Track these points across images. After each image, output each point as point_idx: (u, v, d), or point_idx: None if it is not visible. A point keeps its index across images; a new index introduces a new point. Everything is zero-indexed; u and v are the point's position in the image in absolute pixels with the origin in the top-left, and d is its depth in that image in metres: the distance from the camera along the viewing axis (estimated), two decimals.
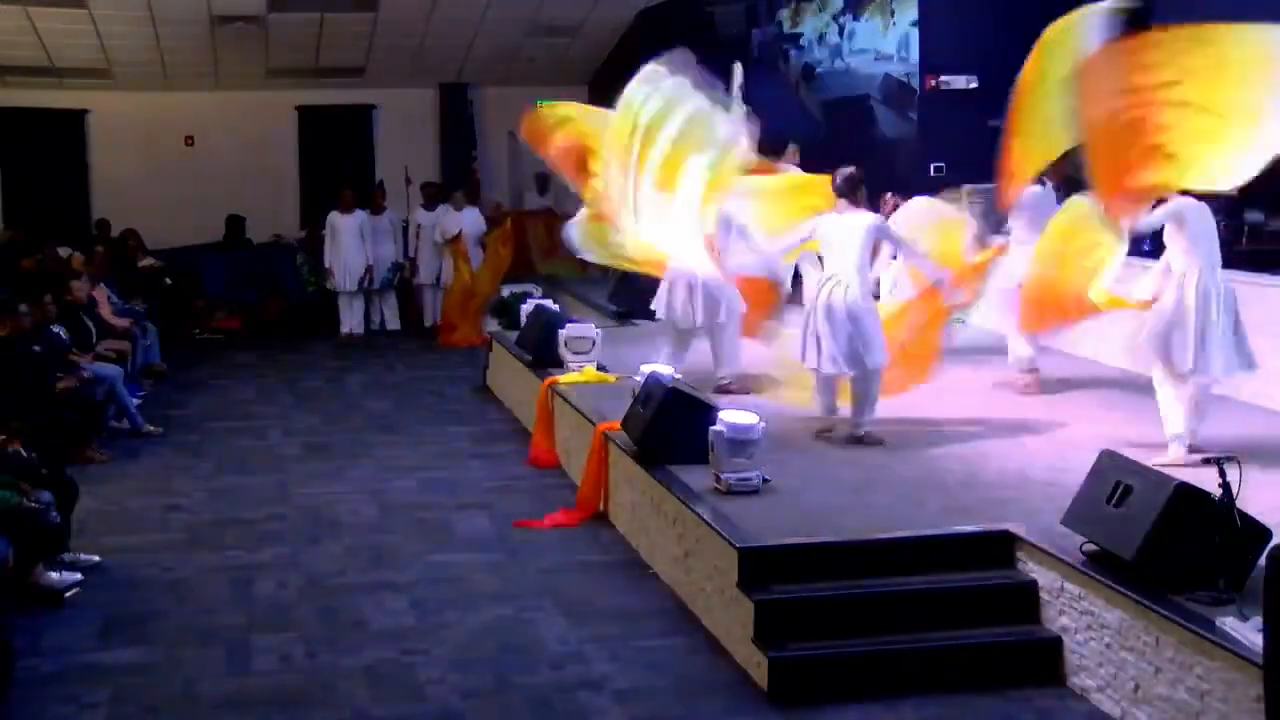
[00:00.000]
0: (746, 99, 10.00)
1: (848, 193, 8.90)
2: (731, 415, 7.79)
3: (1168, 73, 7.41)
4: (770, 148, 12.65)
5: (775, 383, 9.81)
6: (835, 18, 16.57)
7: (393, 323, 17.45)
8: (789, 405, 9.36)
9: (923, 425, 9.20)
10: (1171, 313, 7.99)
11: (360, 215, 16.99)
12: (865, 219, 8.83)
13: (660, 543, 7.92)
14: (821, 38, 17.06)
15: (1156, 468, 6.60)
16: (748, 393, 10.01)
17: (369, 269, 16.94)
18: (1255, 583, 5.30)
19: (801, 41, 17.31)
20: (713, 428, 7.75)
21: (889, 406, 9.00)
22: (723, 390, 9.98)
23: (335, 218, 16.92)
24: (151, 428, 11.61)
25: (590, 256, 11.06)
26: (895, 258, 10.06)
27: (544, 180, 18.27)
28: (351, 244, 16.84)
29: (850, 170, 8.96)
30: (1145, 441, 8.02)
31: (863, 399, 8.90)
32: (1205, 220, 8.08)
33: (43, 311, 11.02)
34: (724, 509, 7.31)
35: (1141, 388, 10.05)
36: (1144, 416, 9.24)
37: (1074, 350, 11.39)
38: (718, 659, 6.71)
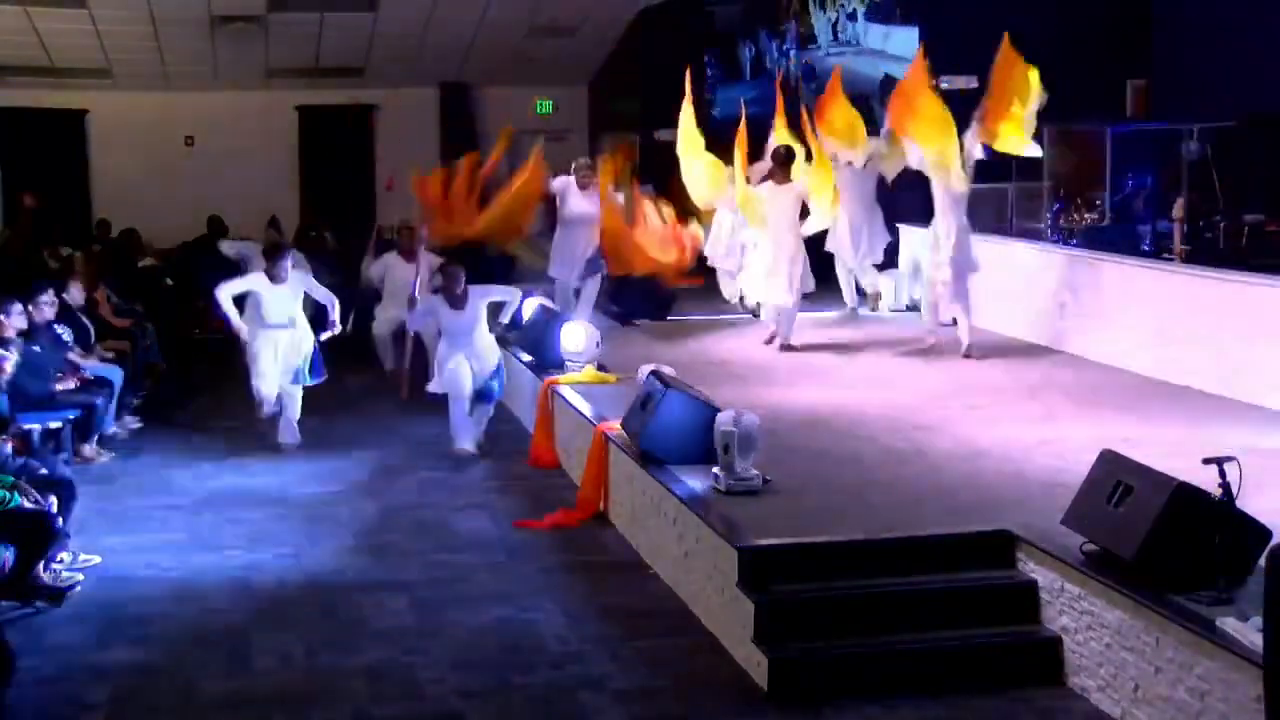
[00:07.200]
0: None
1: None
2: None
3: None
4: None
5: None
6: (837, 18, 16.58)
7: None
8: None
9: (921, 425, 9.20)
10: None
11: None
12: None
13: (660, 543, 7.92)
14: (825, 36, 17.08)
15: None
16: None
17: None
18: (1255, 583, 5.31)
19: (804, 33, 17.32)
20: (715, 427, 7.75)
21: (888, 405, 9.00)
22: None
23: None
24: (119, 430, 11.38)
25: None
26: None
27: None
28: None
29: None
30: (1145, 441, 8.01)
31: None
32: None
33: (43, 311, 11.00)
34: (724, 509, 7.31)
35: (1140, 388, 10.07)
36: (1144, 416, 9.26)
37: (1083, 352, 11.42)
38: (718, 659, 6.70)
